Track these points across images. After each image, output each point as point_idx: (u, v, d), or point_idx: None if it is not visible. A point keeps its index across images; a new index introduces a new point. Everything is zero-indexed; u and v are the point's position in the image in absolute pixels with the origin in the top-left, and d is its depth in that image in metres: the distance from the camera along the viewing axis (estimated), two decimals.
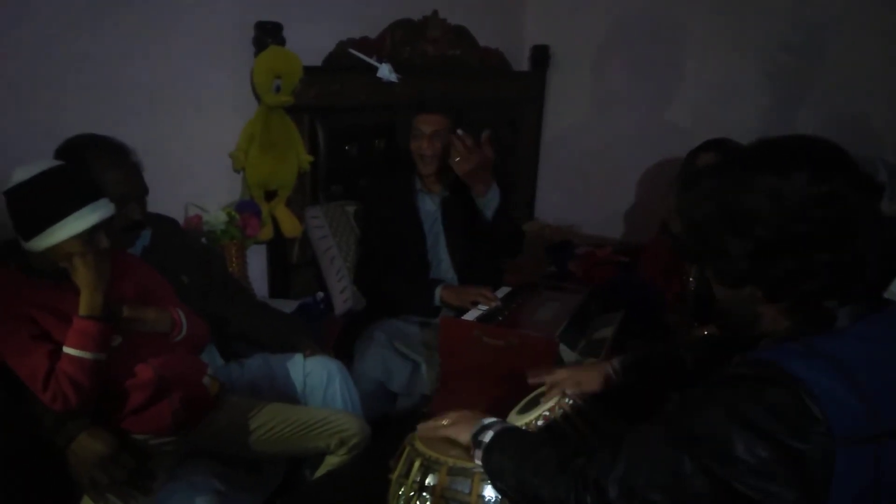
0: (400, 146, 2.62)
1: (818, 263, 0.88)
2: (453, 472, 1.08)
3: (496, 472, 1.06)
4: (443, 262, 2.45)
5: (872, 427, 0.81)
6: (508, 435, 1.11)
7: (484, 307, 2.07)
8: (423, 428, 1.24)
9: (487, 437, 1.10)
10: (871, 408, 0.81)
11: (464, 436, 1.15)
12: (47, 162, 1.40)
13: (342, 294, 2.55)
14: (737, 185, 0.94)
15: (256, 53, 2.31)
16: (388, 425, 1.96)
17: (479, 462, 1.09)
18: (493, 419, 1.16)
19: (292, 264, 2.63)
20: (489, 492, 1.06)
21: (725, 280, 0.99)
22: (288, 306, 2.35)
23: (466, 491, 1.06)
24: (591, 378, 1.42)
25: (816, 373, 0.81)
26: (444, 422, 1.21)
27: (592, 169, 3.64)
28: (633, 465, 0.90)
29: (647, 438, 0.92)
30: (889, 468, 0.81)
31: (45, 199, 1.35)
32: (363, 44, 2.69)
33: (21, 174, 1.35)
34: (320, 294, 2.59)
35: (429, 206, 2.45)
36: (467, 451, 1.14)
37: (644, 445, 0.92)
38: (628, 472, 0.90)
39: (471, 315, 2.00)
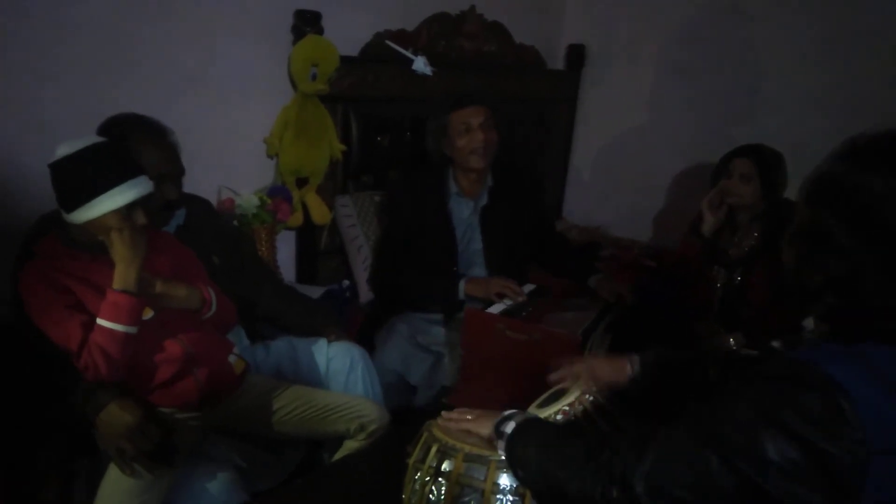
0: (428, 146, 2.40)
1: None
2: (469, 458, 1.09)
3: (520, 462, 1.05)
4: (475, 268, 2.36)
5: None
6: (531, 426, 1.11)
7: (509, 301, 2.07)
8: (446, 418, 1.24)
9: (509, 427, 1.10)
10: None
11: (485, 429, 1.15)
12: (91, 138, 1.43)
13: (368, 283, 2.57)
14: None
15: (295, 41, 2.35)
16: (408, 415, 1.98)
17: (502, 453, 1.09)
18: (514, 410, 1.16)
19: (320, 251, 2.66)
20: (504, 480, 1.07)
21: (811, 269, 0.91)
22: (314, 292, 2.38)
23: (482, 478, 1.07)
24: (609, 371, 1.40)
25: (855, 378, 0.79)
26: (468, 416, 1.22)
27: (623, 171, 3.61)
28: (660, 462, 0.88)
29: (675, 435, 0.90)
30: None
31: (87, 173, 1.38)
32: (400, 36, 2.71)
33: (65, 148, 1.39)
34: (346, 282, 2.62)
35: (464, 212, 2.34)
36: (487, 441, 1.15)
37: (672, 442, 0.90)
38: (655, 468, 0.88)
39: (495, 308, 2.01)
